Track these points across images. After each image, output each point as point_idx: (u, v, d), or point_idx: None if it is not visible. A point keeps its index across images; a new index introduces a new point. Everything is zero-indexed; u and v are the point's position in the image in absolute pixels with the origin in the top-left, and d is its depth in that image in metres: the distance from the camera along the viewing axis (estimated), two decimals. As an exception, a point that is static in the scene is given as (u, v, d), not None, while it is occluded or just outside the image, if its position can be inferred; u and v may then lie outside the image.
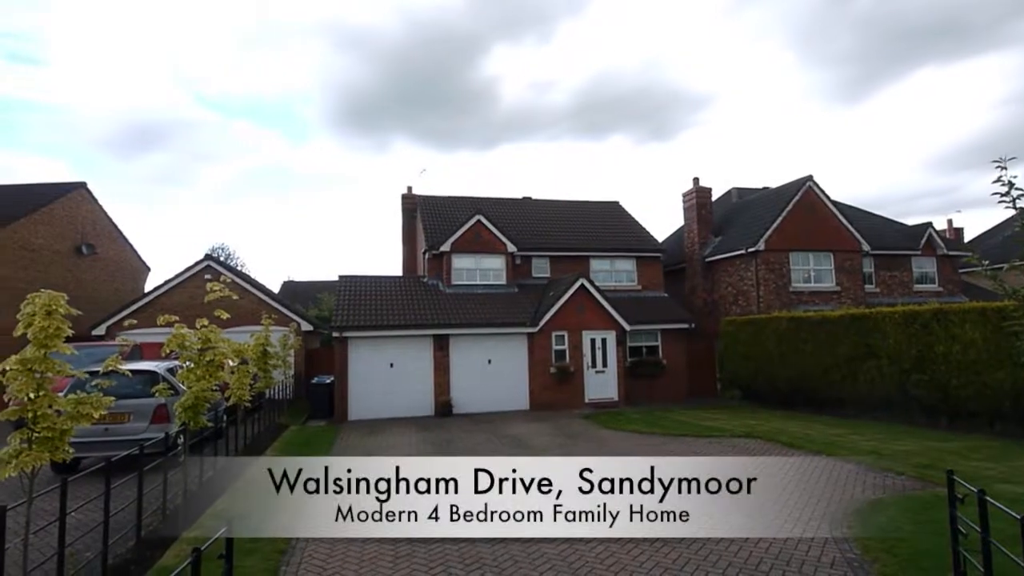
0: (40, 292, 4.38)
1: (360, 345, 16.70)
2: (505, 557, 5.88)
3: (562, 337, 17.80)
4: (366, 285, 18.89)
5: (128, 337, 14.92)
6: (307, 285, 37.56)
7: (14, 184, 23.53)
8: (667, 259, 23.10)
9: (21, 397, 4.03)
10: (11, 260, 19.30)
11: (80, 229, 22.71)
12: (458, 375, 17.14)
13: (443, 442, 12.63)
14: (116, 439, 8.97)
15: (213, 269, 19.90)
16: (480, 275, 19.56)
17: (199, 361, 7.64)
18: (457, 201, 23.17)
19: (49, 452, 4.13)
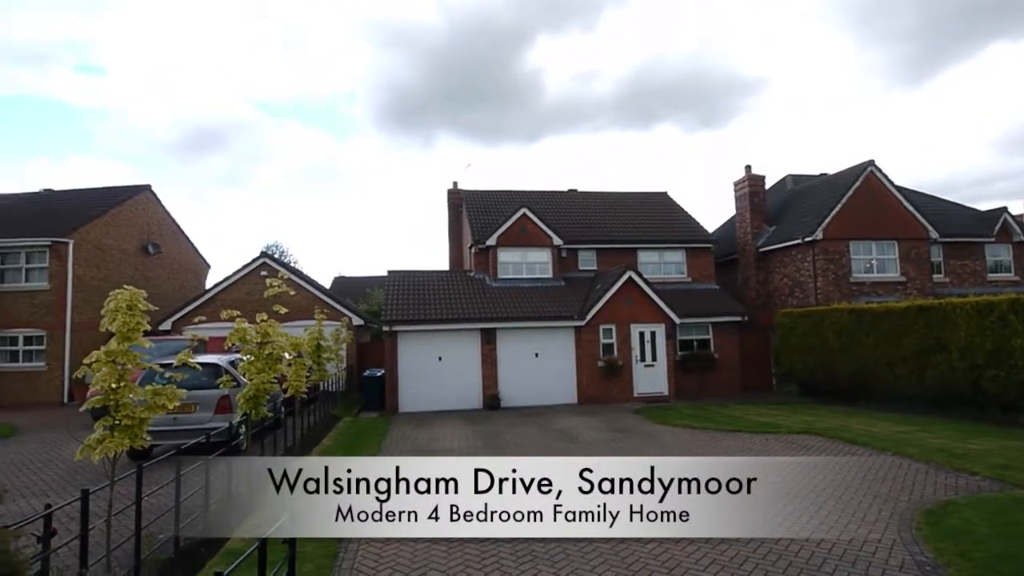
0: (122, 289, 4.62)
1: (409, 339, 16.99)
2: (558, 552, 5.87)
3: (610, 330, 17.61)
4: (414, 280, 19.18)
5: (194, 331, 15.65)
6: (357, 280, 38.46)
7: (87, 188, 25.01)
8: (718, 250, 22.51)
9: (105, 387, 4.27)
10: (86, 260, 20.54)
11: (146, 229, 23.96)
12: (505, 368, 17.21)
13: (492, 435, 12.71)
14: (183, 428, 9.42)
15: (269, 266, 20.61)
16: (526, 269, 19.56)
17: (259, 354, 7.94)
18: (502, 195, 23.21)
19: (129, 439, 4.36)
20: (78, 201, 23.04)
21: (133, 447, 4.58)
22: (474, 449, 11.32)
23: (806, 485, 8.10)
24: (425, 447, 11.62)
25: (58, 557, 4.34)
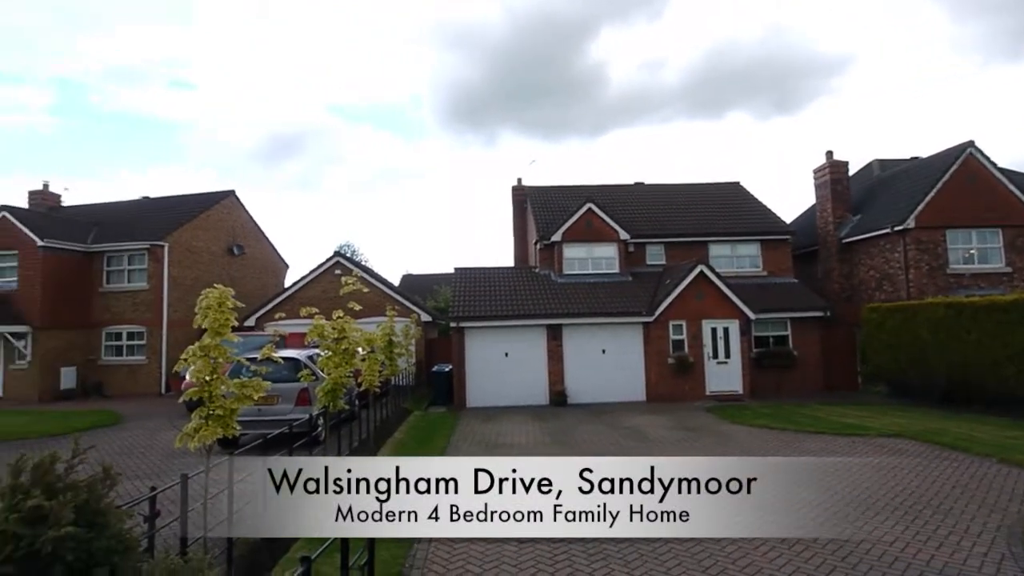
0: (214, 287, 4.90)
1: (476, 335, 17.20)
2: (631, 552, 5.77)
3: (680, 326, 17.11)
4: (480, 277, 19.39)
5: (276, 327, 16.57)
6: (424, 278, 39.35)
7: (179, 195, 26.92)
8: (796, 242, 21.37)
9: (200, 379, 4.55)
10: (179, 261, 22.13)
11: (231, 232, 25.52)
12: (572, 365, 17.09)
13: (560, 432, 12.66)
14: (267, 419, 9.95)
15: (342, 265, 21.46)
16: (592, 264, 19.33)
17: (336, 350, 8.24)
18: (566, 190, 23.04)
19: (222, 428, 4.63)
20: (171, 207, 24.87)
21: (225, 435, 4.85)
22: (542, 446, 11.32)
23: (891, 489, 7.56)
24: (493, 442, 11.73)
25: (161, 536, 4.69)
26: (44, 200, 26.29)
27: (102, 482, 2.57)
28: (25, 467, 2.32)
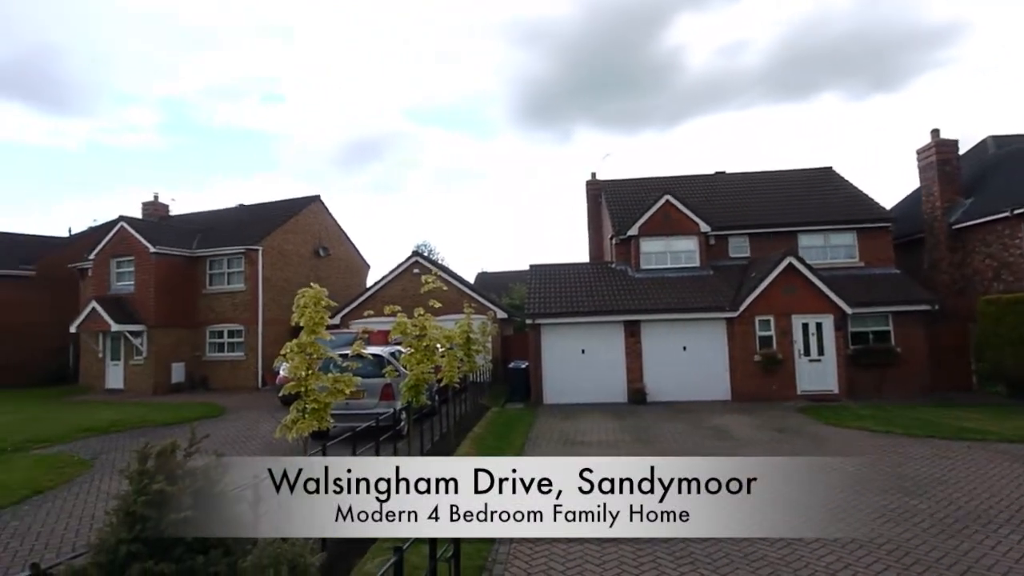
0: (310, 286, 5.13)
1: (552, 331, 17.13)
2: (719, 555, 5.56)
3: (767, 322, 16.24)
4: (555, 273, 19.30)
5: (361, 325, 17.29)
6: (499, 275, 39.76)
7: (270, 201, 28.72)
8: (898, 229, 19.70)
9: (297, 375, 4.78)
10: (272, 263, 23.57)
11: (317, 234, 26.88)
12: (651, 362, 16.66)
13: (639, 430, 12.36)
14: (353, 412, 10.35)
15: (420, 264, 22.06)
16: (671, 258, 18.74)
17: (417, 346, 8.45)
18: (643, 183, 22.46)
19: (317, 421, 4.84)
20: (264, 213, 26.56)
21: (319, 428, 5.07)
22: (623, 444, 11.09)
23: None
24: (572, 439, 11.63)
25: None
26: (155, 210, 28.89)
27: (215, 469, 2.74)
28: (150, 454, 2.52)
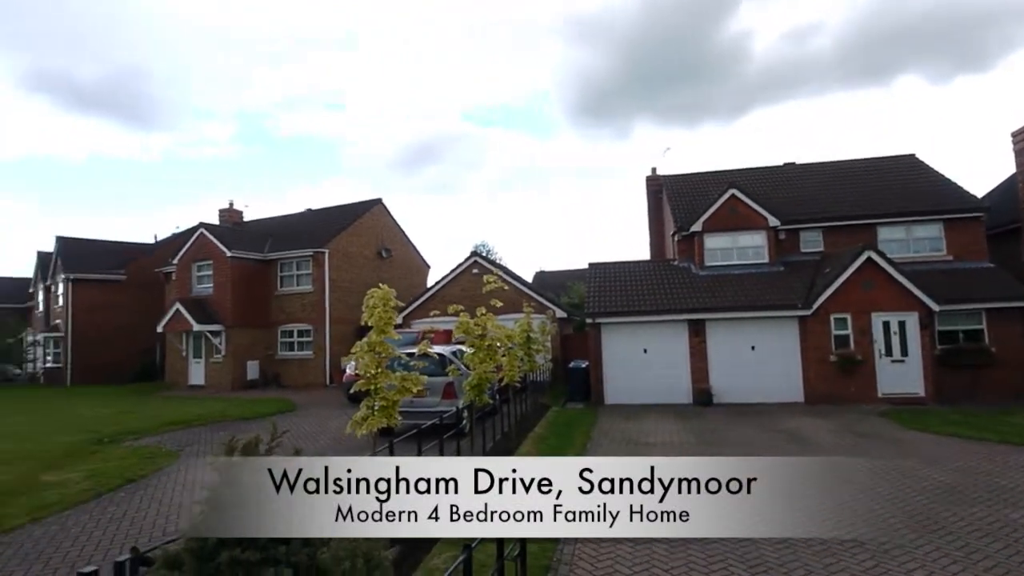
0: (378, 287, 5.24)
1: (613, 331, 16.86)
2: (791, 559, 5.32)
3: (844, 320, 15.36)
4: (615, 271, 18.99)
5: (423, 324, 17.64)
6: (557, 275, 39.60)
7: (335, 206, 29.79)
8: (991, 219, 18.13)
9: (368, 373, 4.90)
10: (337, 265, 24.42)
11: (380, 237, 27.64)
12: (717, 362, 16.11)
13: (706, 432, 11.97)
14: (417, 410, 10.53)
15: (479, 264, 22.26)
16: (737, 254, 18.05)
17: (480, 346, 8.50)
18: (706, 177, 21.75)
19: (386, 418, 4.94)
20: (330, 217, 27.57)
21: (388, 425, 5.17)
22: (688, 447, 10.77)
23: None
24: (635, 440, 11.40)
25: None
26: (230, 217, 30.56)
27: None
28: (236, 447, 2.62)
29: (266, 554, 2.51)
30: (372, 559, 2.91)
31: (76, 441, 11.90)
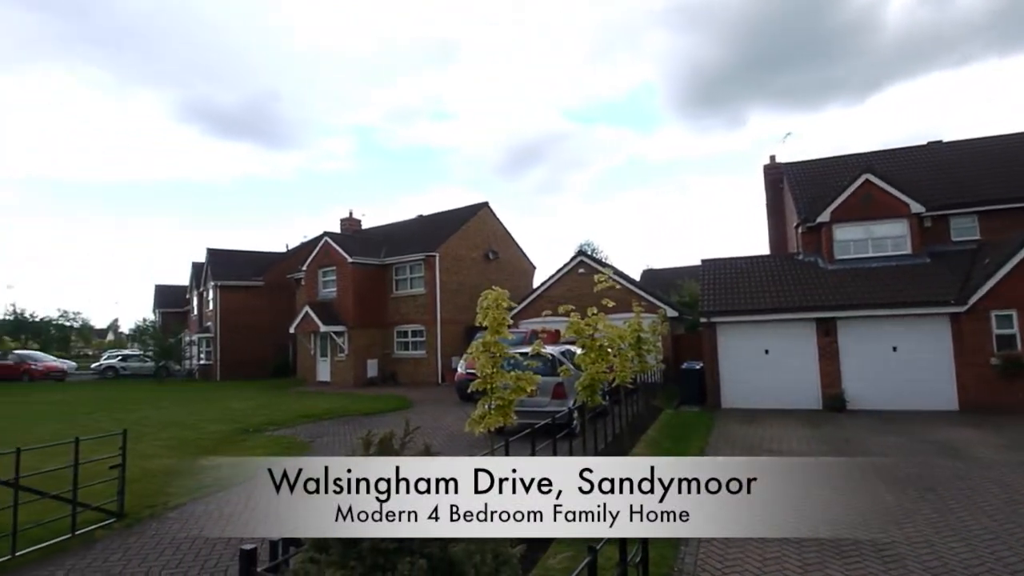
0: (492, 289, 5.32)
1: (729, 330, 15.96)
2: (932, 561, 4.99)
3: (1008, 318, 13.39)
4: (731, 267, 17.96)
5: (531, 325, 17.79)
6: (666, 272, 38.30)
7: (444, 211, 30.96)
8: None
9: (484, 372, 4.98)
10: (447, 268, 25.32)
11: (486, 239, 28.28)
12: (851, 364, 14.69)
13: (839, 441, 10.95)
14: (528, 409, 10.60)
15: (585, 263, 22.04)
16: (873, 245, 16.35)
17: (591, 346, 8.37)
18: (833, 163, 19.96)
19: (502, 417, 4.99)
20: (439, 222, 28.70)
21: (504, 424, 5.23)
22: (820, 456, 9.90)
23: None
24: (757, 447, 10.69)
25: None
26: (350, 225, 32.82)
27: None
28: (373, 441, 2.76)
29: (403, 543, 2.62)
30: (500, 555, 2.94)
31: (227, 430, 13.31)
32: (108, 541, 6.15)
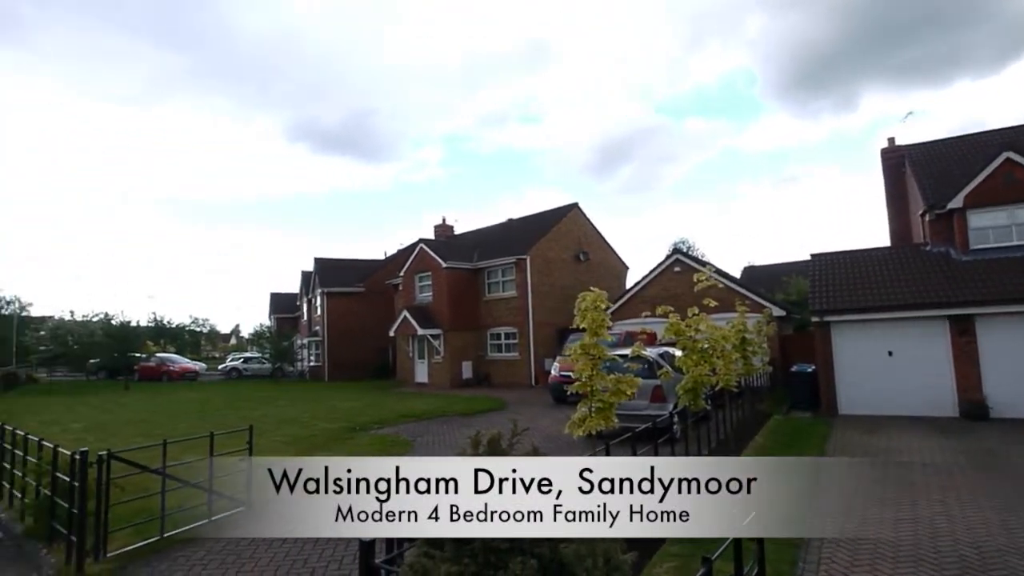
0: (590, 290, 5.24)
1: (845, 330, 14.71)
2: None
3: None
4: (846, 261, 16.56)
5: (625, 327, 17.42)
6: (768, 269, 36.20)
7: (534, 213, 31.12)
8: None
9: (584, 375, 4.90)
10: (538, 270, 25.40)
11: (577, 240, 28.08)
12: (993, 367, 13.04)
13: (980, 453, 9.75)
14: (626, 413, 10.35)
15: (681, 261, 21.24)
16: (1017, 233, 14.41)
17: (693, 348, 8.02)
18: (963, 141, 17.87)
19: (603, 420, 4.88)
20: (529, 224, 28.87)
21: (605, 427, 5.11)
22: (956, 469, 8.85)
23: None
24: (886, 459, 9.74)
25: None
26: (443, 231, 33.85)
27: (532, 459, 2.88)
28: (481, 441, 2.78)
29: (514, 542, 2.61)
30: (611, 560, 2.85)
31: (336, 428, 14.14)
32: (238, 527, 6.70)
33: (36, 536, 6.43)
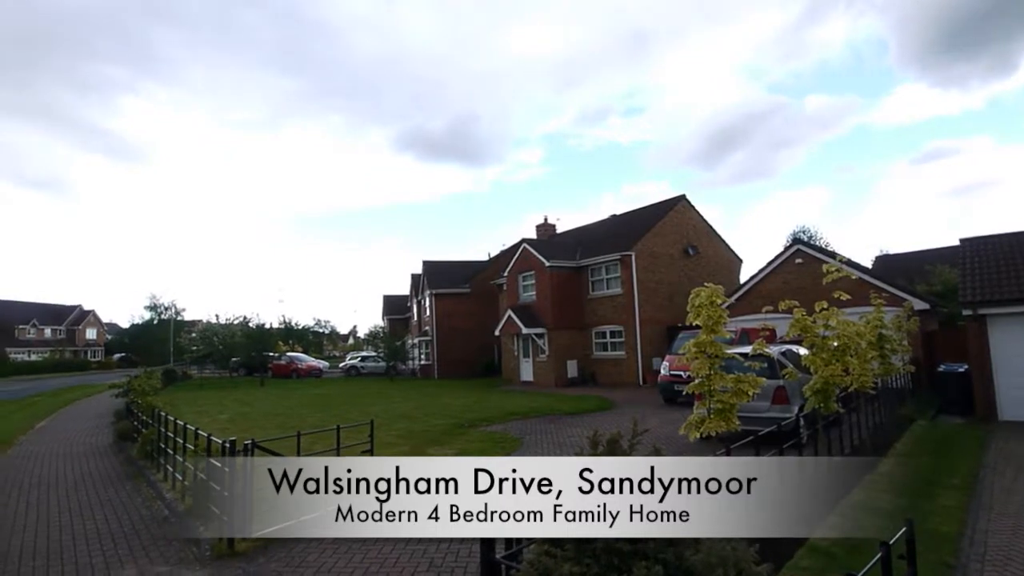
0: (705, 286, 4.97)
1: (1006, 324, 12.86)
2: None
3: None
4: (1003, 246, 14.46)
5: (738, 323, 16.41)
6: (905, 258, 32.59)
7: (638, 208, 30.32)
8: None
9: (700, 374, 4.65)
10: (643, 266, 24.70)
11: (684, 234, 26.97)
12: None
13: None
14: (745, 415, 9.73)
15: (802, 252, 19.66)
16: None
17: (823, 345, 7.36)
18: None
19: (724, 422, 4.60)
20: (633, 220, 28.16)
21: (727, 429, 4.81)
22: None
23: None
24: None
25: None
26: (545, 231, 33.95)
27: (654, 460, 2.77)
28: (601, 440, 2.71)
29: (636, 546, 2.52)
30: (744, 570, 2.66)
31: (447, 424, 14.63)
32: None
33: (194, 515, 7.24)
